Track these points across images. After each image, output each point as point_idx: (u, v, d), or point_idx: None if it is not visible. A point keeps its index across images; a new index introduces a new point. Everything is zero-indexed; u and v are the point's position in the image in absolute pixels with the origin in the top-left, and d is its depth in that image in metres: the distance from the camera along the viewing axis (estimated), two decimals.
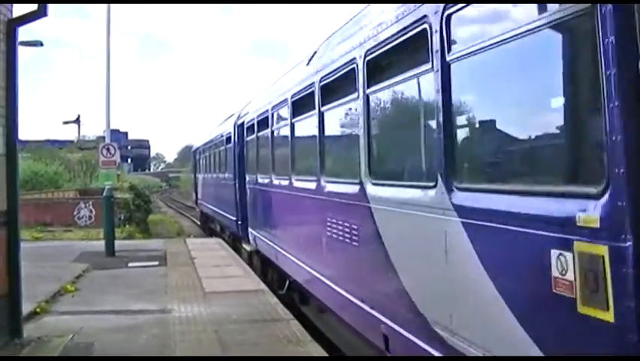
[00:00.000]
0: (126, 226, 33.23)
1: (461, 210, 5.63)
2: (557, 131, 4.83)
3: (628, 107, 3.87)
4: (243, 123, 20.44)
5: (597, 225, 4.03)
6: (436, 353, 6.15)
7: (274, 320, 11.59)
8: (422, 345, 6.45)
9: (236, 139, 21.59)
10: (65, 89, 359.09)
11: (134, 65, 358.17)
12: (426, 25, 6.17)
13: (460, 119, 6.18)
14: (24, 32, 10.55)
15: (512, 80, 5.33)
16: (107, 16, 22.77)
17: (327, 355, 9.64)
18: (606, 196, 3.99)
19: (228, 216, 23.52)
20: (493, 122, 5.80)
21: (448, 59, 5.80)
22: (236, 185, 20.99)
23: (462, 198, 5.67)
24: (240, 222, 20.79)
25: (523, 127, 5.27)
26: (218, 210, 27.37)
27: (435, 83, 6.03)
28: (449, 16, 5.76)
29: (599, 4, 4.01)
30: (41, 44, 27.93)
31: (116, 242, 21.87)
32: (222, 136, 25.54)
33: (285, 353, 9.58)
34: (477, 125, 6.16)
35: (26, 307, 11.06)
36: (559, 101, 4.76)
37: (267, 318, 11.79)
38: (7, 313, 10.00)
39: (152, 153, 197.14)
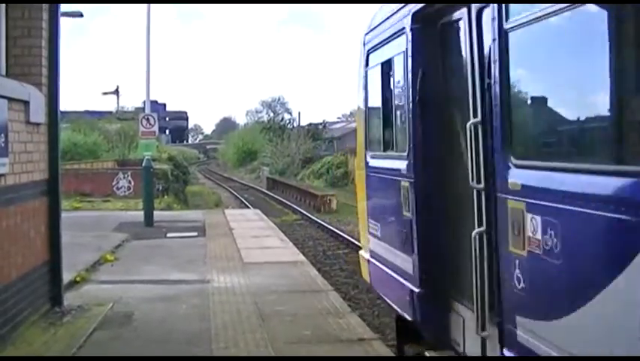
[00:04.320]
0: (164, 196, 33.41)
1: None
2: None
3: None
4: None
5: None
6: None
7: (313, 291, 11.55)
8: None
9: None
10: (104, 60, 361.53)
11: (173, 37, 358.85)
12: None
13: None
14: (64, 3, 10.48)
15: None
16: None
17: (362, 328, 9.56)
18: None
19: None
20: None
21: None
22: None
23: None
24: None
25: None
26: None
27: None
28: None
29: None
30: (81, 15, 28.06)
31: (155, 212, 21.97)
32: None
33: (324, 324, 9.52)
34: None
35: (66, 276, 11.10)
36: None
37: (306, 289, 11.77)
38: (48, 282, 10.05)
39: (190, 125, 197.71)
